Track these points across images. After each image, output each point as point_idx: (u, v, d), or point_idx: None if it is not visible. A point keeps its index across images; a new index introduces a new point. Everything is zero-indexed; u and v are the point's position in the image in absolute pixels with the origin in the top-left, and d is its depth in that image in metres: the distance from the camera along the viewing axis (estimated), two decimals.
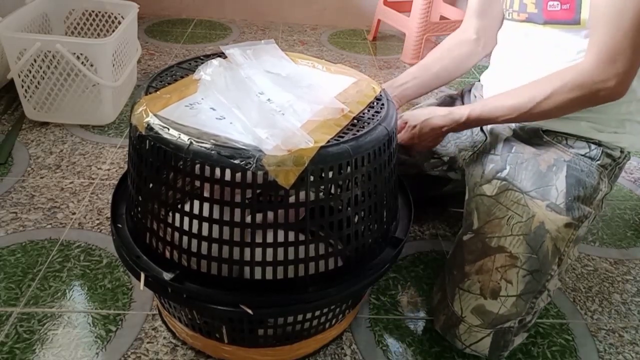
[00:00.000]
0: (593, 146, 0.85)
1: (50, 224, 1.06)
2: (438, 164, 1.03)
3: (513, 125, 0.91)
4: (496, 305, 0.77)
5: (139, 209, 0.71)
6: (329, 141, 0.62)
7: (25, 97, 1.36)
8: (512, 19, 0.89)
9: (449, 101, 1.09)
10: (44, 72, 1.33)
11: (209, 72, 0.74)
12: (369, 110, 0.72)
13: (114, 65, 1.37)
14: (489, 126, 0.95)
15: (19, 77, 1.32)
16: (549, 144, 0.87)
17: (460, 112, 0.86)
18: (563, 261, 0.80)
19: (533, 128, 0.89)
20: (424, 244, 1.10)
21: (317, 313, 0.74)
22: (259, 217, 0.63)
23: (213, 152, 0.59)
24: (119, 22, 1.58)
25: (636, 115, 0.84)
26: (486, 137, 0.96)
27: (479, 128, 0.97)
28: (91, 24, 1.65)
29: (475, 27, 1.01)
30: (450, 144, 1.01)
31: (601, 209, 0.87)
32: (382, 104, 0.74)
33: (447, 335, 0.82)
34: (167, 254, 0.68)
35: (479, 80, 1.05)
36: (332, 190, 0.67)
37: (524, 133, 0.90)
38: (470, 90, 1.07)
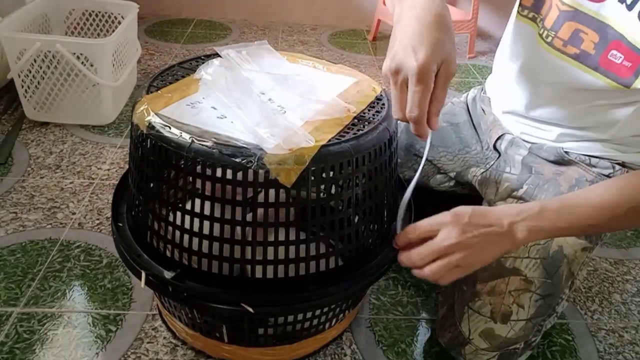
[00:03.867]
0: (617, 167, 0.80)
1: (50, 224, 1.06)
2: (444, 181, 0.98)
3: (528, 144, 0.87)
4: (505, 329, 0.75)
5: (140, 207, 0.71)
6: (329, 140, 0.62)
7: (25, 97, 1.36)
8: (550, 43, 0.77)
9: (455, 111, 1.02)
10: (44, 72, 1.33)
11: (210, 71, 0.74)
12: (369, 110, 0.72)
13: (114, 65, 1.37)
14: (503, 144, 0.90)
15: (19, 77, 1.32)
16: (571, 163, 0.82)
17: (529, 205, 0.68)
18: (574, 284, 0.79)
19: (552, 147, 0.84)
20: None
21: (318, 312, 0.74)
22: (259, 215, 0.63)
23: (214, 150, 0.59)
24: (119, 22, 1.58)
25: None
26: (499, 154, 0.90)
27: (492, 145, 0.92)
28: (91, 24, 1.65)
29: None
30: (457, 158, 0.96)
31: None
32: (383, 104, 0.75)
33: (452, 351, 0.81)
34: (168, 253, 0.68)
35: (483, 91, 0.99)
36: (333, 190, 0.67)
37: (542, 151, 0.85)
38: (474, 100, 1.01)
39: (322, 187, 0.65)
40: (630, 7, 0.68)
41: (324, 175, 0.62)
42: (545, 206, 0.66)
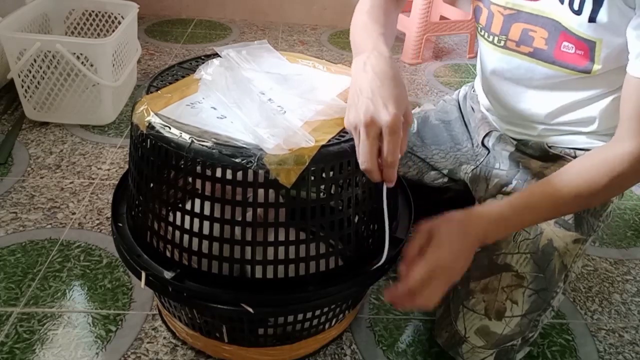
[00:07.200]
0: None
1: (50, 224, 1.06)
2: (438, 177, 0.99)
3: (515, 141, 0.89)
4: (500, 326, 0.76)
5: (140, 208, 0.71)
6: (329, 140, 0.63)
7: (25, 97, 1.36)
8: (504, 47, 0.80)
9: (447, 108, 1.04)
10: (44, 72, 1.33)
11: (209, 71, 0.74)
12: None
13: (114, 65, 1.37)
14: (491, 141, 0.91)
15: (19, 77, 1.32)
16: (556, 157, 0.84)
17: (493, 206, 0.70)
18: (568, 277, 0.79)
19: (537, 142, 0.85)
20: None
21: (317, 312, 0.74)
22: (259, 215, 0.63)
23: (214, 150, 0.59)
24: (119, 22, 1.58)
25: None
26: (488, 150, 0.92)
27: (480, 141, 0.94)
28: (91, 24, 1.65)
29: None
30: (449, 156, 0.98)
31: (609, 219, 0.85)
32: None
33: (450, 351, 0.82)
34: (168, 253, 0.68)
35: (473, 89, 1.01)
36: (333, 190, 0.67)
37: (527, 147, 0.87)
38: (465, 97, 1.03)
39: (322, 187, 0.65)
40: (562, 1, 0.70)
41: (324, 175, 0.62)
42: (513, 208, 0.68)
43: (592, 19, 0.68)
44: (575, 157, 0.82)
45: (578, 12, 0.69)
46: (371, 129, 0.58)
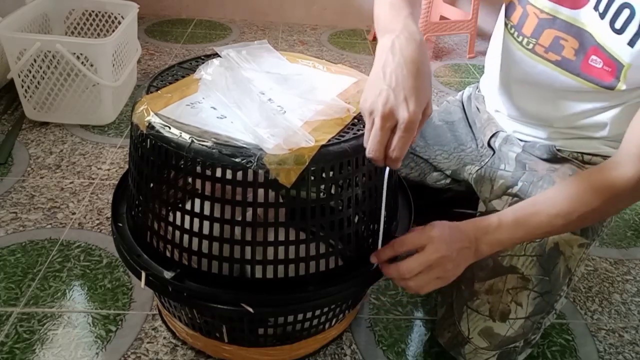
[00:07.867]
0: None
1: (50, 224, 1.06)
2: (441, 178, 0.99)
3: (522, 142, 0.88)
4: (504, 327, 0.76)
5: (140, 208, 0.71)
6: (329, 140, 0.62)
7: (25, 97, 1.36)
8: (532, 50, 0.78)
9: (450, 109, 1.04)
10: (44, 72, 1.33)
11: (209, 71, 0.74)
12: None
13: (114, 65, 1.37)
14: (497, 142, 0.90)
15: (19, 77, 1.32)
16: (564, 160, 0.83)
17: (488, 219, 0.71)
18: (572, 280, 0.79)
19: (545, 145, 0.84)
20: None
21: (317, 312, 0.74)
22: (259, 215, 0.63)
23: (214, 150, 0.59)
24: (119, 22, 1.58)
25: None
26: (494, 151, 0.91)
27: (486, 142, 0.93)
28: (91, 24, 1.65)
29: None
30: (453, 157, 0.97)
31: (612, 222, 0.85)
32: None
33: (452, 351, 0.81)
34: (168, 253, 0.68)
35: (478, 89, 1.01)
36: (333, 190, 0.67)
37: (535, 149, 0.86)
38: (469, 98, 1.02)
39: (322, 187, 0.65)
40: (602, 16, 0.69)
41: (323, 175, 0.62)
42: (502, 220, 0.69)
43: (632, 42, 0.66)
44: (583, 161, 0.82)
45: (619, 32, 0.67)
46: (387, 121, 0.57)
